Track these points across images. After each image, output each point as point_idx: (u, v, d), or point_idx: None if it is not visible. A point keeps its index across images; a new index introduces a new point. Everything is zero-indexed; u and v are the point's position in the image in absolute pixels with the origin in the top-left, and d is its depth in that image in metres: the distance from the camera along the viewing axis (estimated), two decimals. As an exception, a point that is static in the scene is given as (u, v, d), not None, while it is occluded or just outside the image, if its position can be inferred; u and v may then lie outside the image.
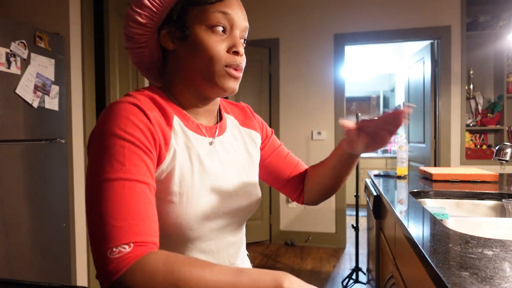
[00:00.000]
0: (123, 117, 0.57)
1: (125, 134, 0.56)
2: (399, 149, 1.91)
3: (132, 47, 0.70)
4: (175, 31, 0.66)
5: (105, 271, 0.48)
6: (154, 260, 0.50)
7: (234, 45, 0.66)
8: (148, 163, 0.57)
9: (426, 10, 3.23)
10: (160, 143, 0.60)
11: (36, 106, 1.91)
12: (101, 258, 0.49)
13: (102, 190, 0.52)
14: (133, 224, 0.51)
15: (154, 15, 0.65)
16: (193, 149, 0.66)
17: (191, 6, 0.65)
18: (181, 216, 0.61)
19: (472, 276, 0.61)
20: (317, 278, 2.74)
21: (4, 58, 1.73)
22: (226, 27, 0.66)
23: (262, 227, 3.60)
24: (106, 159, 0.54)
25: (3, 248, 1.72)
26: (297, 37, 3.52)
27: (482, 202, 1.42)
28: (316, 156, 3.50)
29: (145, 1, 0.64)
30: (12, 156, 1.80)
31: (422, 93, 3.57)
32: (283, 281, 0.51)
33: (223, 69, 0.65)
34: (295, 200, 0.91)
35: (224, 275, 0.51)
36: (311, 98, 3.52)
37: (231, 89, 0.67)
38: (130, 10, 0.66)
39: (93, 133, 0.58)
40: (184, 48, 0.66)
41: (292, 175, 0.88)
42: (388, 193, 1.49)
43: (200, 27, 0.64)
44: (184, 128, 0.66)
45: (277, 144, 0.89)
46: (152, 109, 0.62)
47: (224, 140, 0.73)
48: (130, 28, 0.66)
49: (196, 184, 0.64)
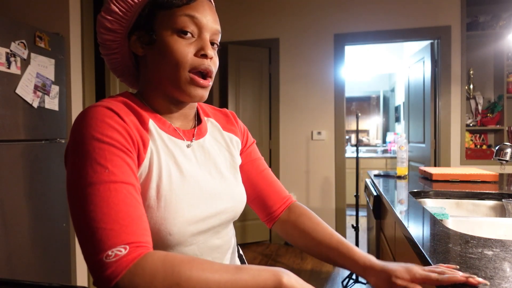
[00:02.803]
0: (99, 120, 0.56)
1: (103, 137, 0.55)
2: (399, 149, 1.91)
3: (105, 54, 0.70)
4: (144, 36, 0.66)
5: (103, 276, 0.47)
6: (153, 261, 0.49)
7: (202, 47, 0.64)
8: (130, 164, 0.56)
9: (426, 10, 3.23)
10: (138, 144, 0.60)
11: (36, 106, 1.91)
12: (97, 264, 0.48)
13: (87, 195, 0.51)
14: (125, 225, 0.50)
15: (122, 20, 0.65)
16: (170, 153, 0.65)
17: (158, 10, 0.64)
18: (159, 221, 0.59)
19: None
20: (317, 278, 2.74)
21: (4, 58, 1.73)
22: (194, 31, 0.64)
23: (262, 227, 3.60)
24: (88, 164, 0.53)
25: (3, 248, 1.72)
26: (297, 37, 3.52)
27: (482, 202, 1.42)
28: (316, 156, 3.50)
29: (112, 6, 0.64)
30: (12, 156, 1.80)
31: (422, 93, 3.57)
32: (282, 277, 0.53)
33: (188, 75, 0.64)
34: (263, 220, 0.85)
35: (224, 272, 0.51)
36: (311, 98, 3.52)
37: (198, 97, 0.65)
38: (100, 16, 0.66)
39: (70, 140, 0.57)
40: (152, 53, 0.66)
41: (265, 192, 0.82)
42: (388, 193, 1.49)
43: (167, 32, 0.64)
44: (160, 131, 0.65)
45: (256, 155, 0.85)
46: (127, 113, 0.61)
47: (204, 143, 0.72)
48: (101, 34, 0.67)
49: (175, 188, 0.62)
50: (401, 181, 1.79)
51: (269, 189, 0.83)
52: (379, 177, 1.93)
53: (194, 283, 0.49)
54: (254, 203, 0.84)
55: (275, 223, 0.84)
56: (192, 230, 0.63)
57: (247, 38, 3.59)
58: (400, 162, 1.91)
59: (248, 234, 3.52)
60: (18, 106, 1.82)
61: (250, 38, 3.59)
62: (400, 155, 1.91)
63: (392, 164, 5.17)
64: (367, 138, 6.31)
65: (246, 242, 3.51)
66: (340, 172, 3.46)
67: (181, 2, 0.63)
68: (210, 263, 0.53)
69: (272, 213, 0.83)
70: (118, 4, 0.64)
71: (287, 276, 0.53)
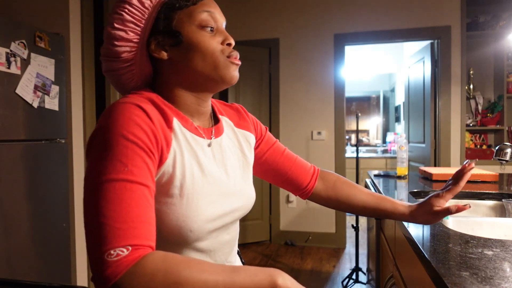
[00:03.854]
0: (127, 117, 0.56)
1: (129, 135, 0.55)
2: (399, 149, 1.91)
3: (121, 68, 0.67)
4: (165, 39, 0.66)
5: (102, 274, 0.48)
6: (153, 261, 0.49)
7: (226, 37, 0.68)
8: (150, 166, 0.57)
9: (426, 10, 3.23)
10: (162, 144, 0.60)
11: (36, 106, 1.91)
12: (98, 260, 0.48)
13: (103, 190, 0.52)
14: (133, 226, 0.51)
15: (139, 28, 0.65)
16: (193, 151, 0.66)
17: (175, 11, 0.66)
18: (181, 218, 0.61)
19: (472, 276, 0.61)
20: (317, 278, 2.74)
21: (4, 58, 1.73)
22: (212, 24, 0.68)
23: (262, 227, 3.60)
24: (109, 159, 0.53)
25: (3, 248, 1.72)
26: (297, 37, 3.52)
27: (482, 202, 1.42)
28: (316, 156, 3.50)
29: (126, 16, 0.63)
30: (12, 156, 1.80)
31: (422, 93, 3.57)
32: (277, 278, 0.54)
33: (226, 59, 0.67)
34: (298, 195, 0.92)
35: (221, 273, 0.52)
36: (311, 98, 3.52)
37: (236, 77, 0.70)
38: (111, 28, 0.64)
39: (96, 132, 0.57)
40: (179, 52, 0.66)
41: (292, 170, 0.88)
42: (388, 193, 1.49)
43: (191, 28, 0.66)
44: (183, 129, 0.66)
45: (273, 140, 0.90)
46: (154, 112, 0.61)
47: (221, 142, 0.74)
48: (115, 47, 0.64)
49: (196, 186, 0.64)
50: (401, 181, 1.79)
51: (295, 167, 0.89)
52: (379, 177, 1.93)
53: (192, 283, 0.49)
54: (285, 184, 0.90)
55: (311, 195, 0.91)
56: (209, 227, 0.65)
57: (247, 38, 3.59)
58: (400, 162, 1.91)
59: (248, 234, 3.52)
60: (18, 106, 1.82)
61: (250, 38, 3.59)
62: (400, 155, 1.91)
63: (392, 164, 5.17)
64: (367, 138, 6.31)
65: (246, 242, 3.51)
66: (340, 172, 3.46)
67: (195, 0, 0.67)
68: (208, 264, 0.53)
69: (304, 188, 0.89)
70: (132, 13, 0.64)
71: (282, 278, 0.55)
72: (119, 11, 0.64)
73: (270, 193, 3.63)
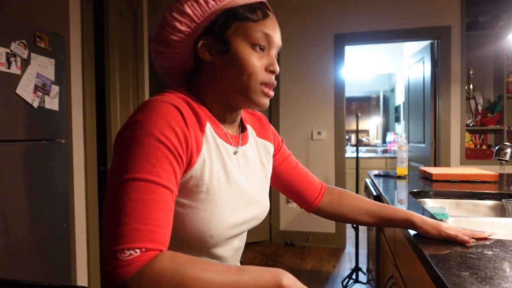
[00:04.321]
0: (162, 118, 0.56)
1: (162, 136, 0.55)
2: (399, 149, 1.91)
3: (165, 51, 0.68)
4: (214, 43, 0.66)
5: (112, 272, 0.48)
6: (161, 261, 0.50)
7: (271, 64, 0.68)
8: (176, 170, 0.57)
9: (426, 10, 3.23)
10: (192, 148, 0.60)
11: (36, 106, 1.91)
12: (111, 257, 0.48)
13: (127, 187, 0.52)
14: (152, 230, 0.51)
15: (194, 23, 0.65)
16: (221, 157, 0.66)
17: (234, 21, 0.65)
18: (204, 223, 0.61)
19: (472, 276, 0.61)
20: (317, 278, 2.74)
21: (4, 58, 1.73)
22: (266, 46, 0.67)
23: (262, 227, 3.60)
24: (138, 157, 0.53)
25: (3, 248, 1.72)
26: (297, 37, 3.52)
27: (482, 202, 1.42)
28: (316, 156, 3.50)
29: (187, 9, 0.64)
30: (12, 156, 1.80)
31: (422, 93, 3.57)
32: (282, 279, 0.55)
33: (259, 86, 0.67)
34: (304, 208, 0.94)
35: (227, 273, 0.52)
36: (311, 98, 3.52)
37: (264, 105, 0.69)
38: (169, 15, 0.65)
39: (129, 125, 0.56)
40: (222, 61, 0.66)
41: (303, 184, 0.90)
42: (388, 193, 1.49)
43: (242, 43, 0.65)
44: (214, 135, 0.66)
45: (287, 153, 0.91)
46: (189, 114, 0.61)
47: (245, 150, 0.75)
48: (166, 33, 0.66)
49: (222, 192, 0.64)
50: (401, 181, 1.79)
51: (305, 182, 0.91)
52: (379, 177, 1.93)
53: (197, 282, 0.50)
54: (294, 196, 0.92)
55: (317, 209, 0.93)
56: (229, 233, 0.66)
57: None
58: (400, 162, 1.91)
59: (248, 234, 3.50)
60: (18, 106, 1.82)
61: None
62: (400, 155, 1.91)
63: (392, 164, 5.17)
64: (367, 138, 6.32)
65: (246, 242, 3.50)
66: (340, 172, 3.46)
67: (257, 17, 0.66)
68: (213, 264, 0.53)
69: (311, 202, 0.92)
70: (193, 8, 0.64)
71: (286, 278, 0.55)
72: (182, 1, 0.64)
73: (270, 193, 3.63)
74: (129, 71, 2.88)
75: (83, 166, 2.32)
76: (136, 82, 2.98)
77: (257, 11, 0.66)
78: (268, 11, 0.68)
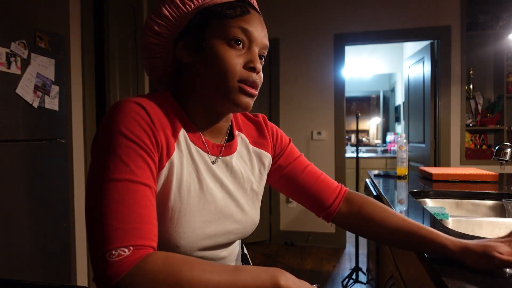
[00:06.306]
0: (129, 117, 0.56)
1: (131, 135, 0.55)
2: (399, 149, 1.91)
3: (146, 57, 0.69)
4: (192, 43, 0.65)
5: (103, 275, 0.48)
6: (154, 261, 0.49)
7: (251, 60, 0.64)
8: (151, 166, 0.56)
9: (426, 10, 3.23)
10: (162, 149, 0.59)
11: (36, 106, 1.91)
12: (100, 260, 0.48)
13: (105, 190, 0.52)
14: (135, 227, 0.50)
15: (171, 25, 0.65)
16: (195, 166, 0.64)
17: (211, 19, 0.64)
18: (169, 232, 0.60)
19: (472, 276, 0.61)
20: (317, 278, 2.74)
21: (4, 58, 1.73)
22: (245, 42, 0.64)
23: (262, 227, 3.60)
24: (112, 159, 0.53)
25: (3, 248, 1.72)
26: (297, 37, 3.52)
27: (482, 202, 1.42)
28: (316, 156, 3.50)
29: (163, 10, 0.64)
30: (12, 156, 1.80)
31: (422, 93, 3.57)
32: (280, 279, 0.53)
33: (237, 84, 0.63)
34: (322, 217, 0.82)
35: (224, 273, 0.52)
36: (311, 98, 3.52)
37: (244, 104, 0.64)
38: (149, 19, 0.65)
39: (99, 131, 0.57)
40: (199, 60, 0.64)
41: (314, 187, 0.80)
42: (388, 193, 1.49)
43: (218, 41, 0.63)
44: (189, 142, 0.65)
45: (294, 156, 0.83)
46: (160, 115, 0.60)
47: (230, 161, 0.71)
48: (148, 37, 0.66)
49: (191, 202, 0.62)
50: (401, 181, 1.79)
51: (317, 185, 0.80)
52: (379, 177, 1.93)
53: (194, 283, 0.49)
54: (306, 203, 0.82)
55: (335, 217, 0.81)
56: (199, 245, 0.63)
57: (247, 38, 3.58)
58: (400, 162, 1.91)
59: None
60: (18, 106, 1.82)
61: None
62: (400, 155, 1.91)
63: (392, 164, 5.17)
64: (367, 138, 6.31)
65: (246, 242, 3.51)
66: (340, 172, 3.46)
67: (235, 13, 0.63)
68: (210, 264, 0.53)
69: (327, 208, 0.80)
70: (170, 9, 0.64)
71: (284, 277, 0.54)
72: (160, 4, 0.65)
73: (270, 193, 3.63)
74: (129, 71, 2.88)
75: (83, 166, 2.32)
76: (136, 82, 2.98)
77: (236, 8, 0.64)
78: (250, 8, 0.66)
